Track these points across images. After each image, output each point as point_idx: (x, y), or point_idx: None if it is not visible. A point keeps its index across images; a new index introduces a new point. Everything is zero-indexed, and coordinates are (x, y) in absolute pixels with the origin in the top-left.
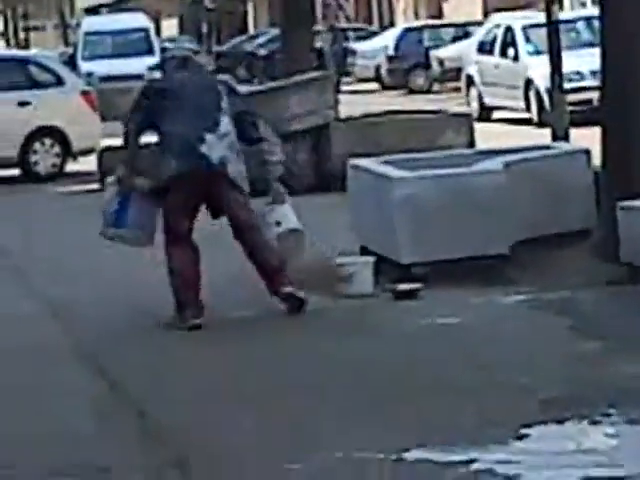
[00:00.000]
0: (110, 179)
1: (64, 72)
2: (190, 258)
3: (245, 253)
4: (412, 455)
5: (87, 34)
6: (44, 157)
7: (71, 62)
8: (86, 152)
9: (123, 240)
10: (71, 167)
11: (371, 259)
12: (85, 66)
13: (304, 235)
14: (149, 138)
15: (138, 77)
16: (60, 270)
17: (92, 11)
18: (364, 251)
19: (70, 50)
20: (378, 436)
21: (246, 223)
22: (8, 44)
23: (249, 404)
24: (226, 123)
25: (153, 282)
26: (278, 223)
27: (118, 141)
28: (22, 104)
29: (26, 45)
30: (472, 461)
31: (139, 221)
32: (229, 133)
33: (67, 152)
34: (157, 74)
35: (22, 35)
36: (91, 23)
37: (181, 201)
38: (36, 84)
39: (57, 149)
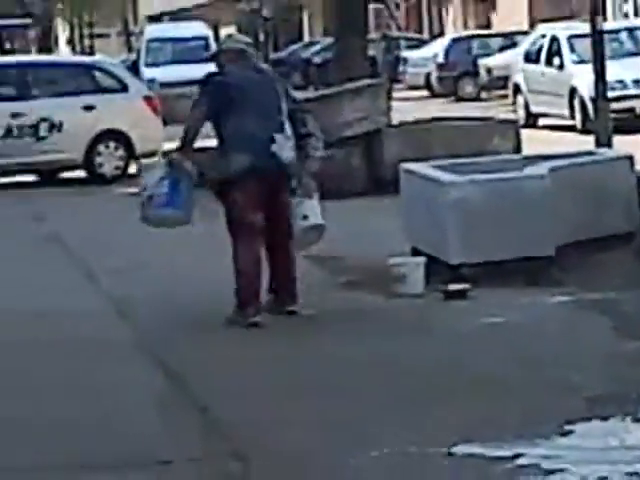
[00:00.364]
0: (144, 161)
1: (128, 78)
2: (256, 257)
3: (270, 253)
4: (461, 449)
5: (149, 41)
6: (109, 159)
7: (134, 68)
8: (149, 155)
9: (164, 221)
10: (134, 169)
11: (422, 260)
12: (147, 72)
13: (325, 230)
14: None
15: (198, 83)
16: (125, 267)
17: (154, 19)
18: (415, 252)
19: (133, 57)
20: (429, 431)
21: (289, 228)
22: (74, 51)
23: (306, 400)
24: (288, 125)
25: (215, 279)
26: (305, 217)
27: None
28: (87, 108)
29: (91, 52)
30: (518, 456)
31: (188, 203)
32: (291, 135)
33: (131, 155)
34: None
35: (87, 42)
36: (153, 31)
37: (253, 196)
38: (101, 89)
39: (121, 152)
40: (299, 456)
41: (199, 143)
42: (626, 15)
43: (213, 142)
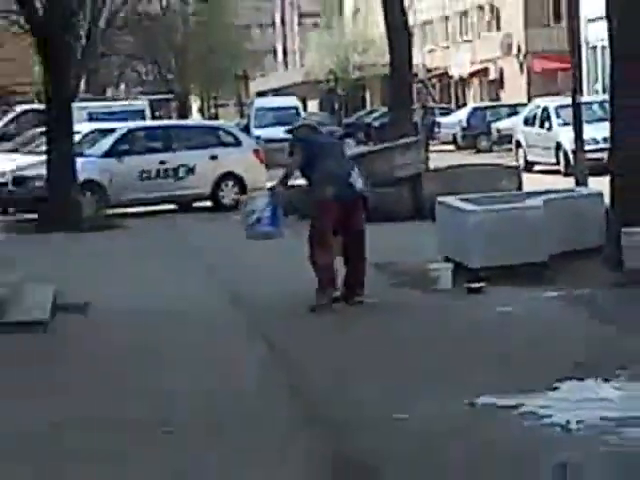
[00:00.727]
0: (244, 196)
1: (242, 136)
2: (330, 255)
3: (348, 256)
4: (480, 401)
5: (257, 110)
6: (228, 193)
7: (246, 129)
8: (257, 189)
9: (267, 236)
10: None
11: (451, 265)
12: (256, 132)
13: None
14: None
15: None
16: (240, 270)
17: (261, 94)
18: (446, 260)
19: (245, 121)
20: (456, 387)
21: (362, 235)
22: (203, 116)
23: (377, 367)
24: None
25: (306, 278)
26: None
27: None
28: (213, 157)
29: (215, 117)
30: (520, 405)
31: (282, 223)
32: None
33: (243, 190)
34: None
35: (213, 110)
36: (260, 102)
37: (333, 216)
38: (222, 144)
39: (236, 188)
40: (367, 406)
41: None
42: (597, 92)
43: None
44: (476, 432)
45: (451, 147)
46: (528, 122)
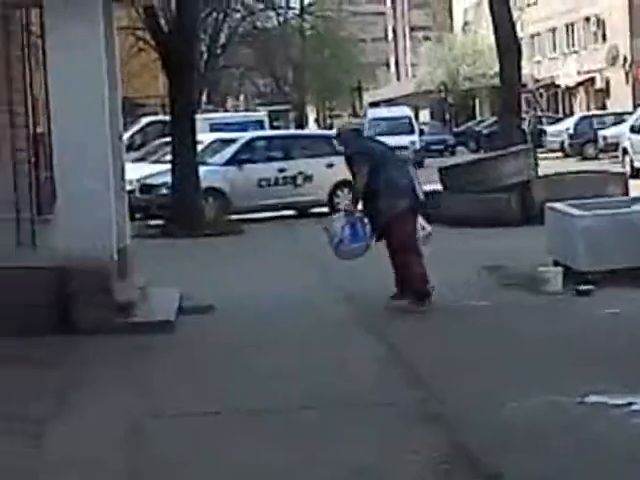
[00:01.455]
0: (335, 216)
1: None
2: (422, 263)
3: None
4: (590, 399)
5: (371, 120)
6: (344, 200)
7: None
8: None
9: (354, 253)
10: None
11: (560, 269)
12: None
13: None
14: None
15: (404, 148)
16: (353, 272)
17: (374, 104)
18: (556, 263)
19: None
20: (568, 384)
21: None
22: (319, 126)
23: (489, 363)
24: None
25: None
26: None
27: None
28: (329, 165)
29: (330, 127)
30: (630, 404)
31: (365, 234)
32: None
33: None
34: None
35: (328, 121)
36: (373, 113)
37: (414, 224)
38: (338, 153)
39: (351, 195)
40: (480, 400)
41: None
42: None
43: None
44: (586, 428)
45: (559, 154)
46: (635, 129)
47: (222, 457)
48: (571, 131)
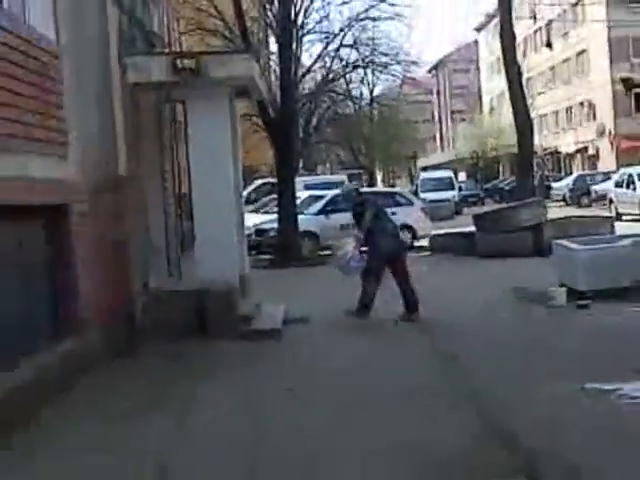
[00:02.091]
0: (347, 239)
1: (413, 198)
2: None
3: (401, 288)
4: (588, 386)
5: (422, 179)
6: (404, 238)
7: (415, 193)
8: (424, 236)
9: (354, 272)
10: (417, 244)
11: (565, 289)
12: (422, 195)
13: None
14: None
15: (446, 200)
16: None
17: (424, 168)
18: (561, 285)
19: (414, 187)
20: (572, 376)
21: (408, 275)
22: (384, 184)
23: (511, 360)
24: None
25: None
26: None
27: (440, 231)
28: (393, 213)
29: (393, 185)
30: (618, 389)
31: (362, 262)
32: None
33: (414, 236)
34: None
35: (391, 180)
36: (424, 174)
37: (385, 264)
38: (399, 204)
39: (410, 235)
40: (506, 385)
41: None
42: None
43: None
44: (588, 408)
45: (561, 204)
46: (618, 184)
47: (309, 429)
48: (570, 186)
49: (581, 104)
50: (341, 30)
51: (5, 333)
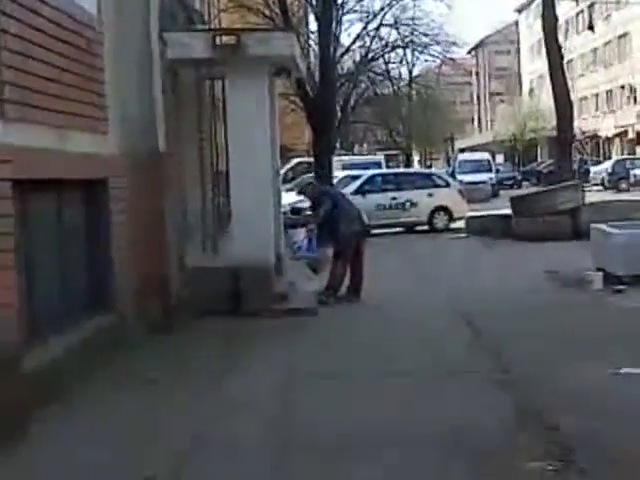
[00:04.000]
0: (298, 229)
1: (449, 180)
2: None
3: (354, 269)
4: (623, 371)
5: (460, 161)
6: (440, 220)
7: (452, 175)
8: (460, 218)
9: (304, 258)
10: (452, 225)
11: (601, 273)
12: (459, 177)
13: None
14: None
15: (483, 183)
16: (455, 271)
17: (462, 150)
18: (598, 269)
19: (450, 169)
20: (607, 360)
21: (363, 257)
22: (421, 166)
23: (550, 342)
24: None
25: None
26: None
27: (477, 213)
28: (430, 195)
29: (429, 166)
30: None
31: (315, 251)
32: None
33: (451, 218)
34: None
35: (428, 162)
36: (462, 156)
37: (354, 242)
38: (436, 185)
39: (446, 217)
40: (540, 368)
41: None
42: None
43: None
44: (621, 391)
45: (600, 188)
46: None
47: (344, 407)
48: (609, 170)
49: (622, 87)
50: (381, 9)
51: (45, 304)
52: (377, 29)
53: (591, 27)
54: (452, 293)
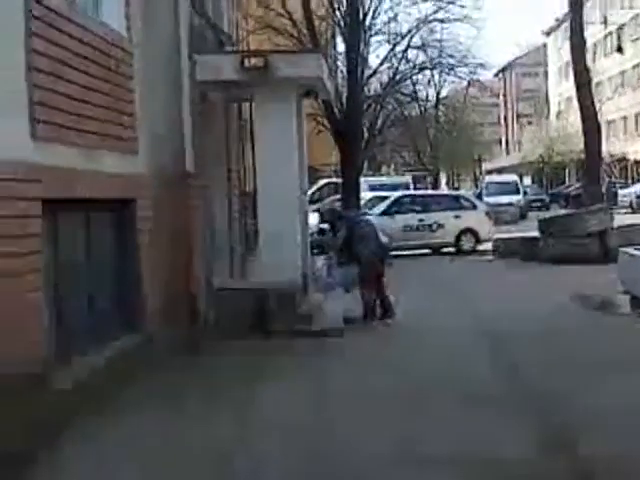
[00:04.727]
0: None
1: (476, 202)
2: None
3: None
4: None
5: (487, 183)
6: (467, 242)
7: (479, 197)
8: (487, 240)
9: (326, 289)
10: (480, 247)
11: (629, 297)
12: (486, 199)
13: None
14: None
15: (511, 205)
16: (482, 294)
17: (489, 172)
18: (626, 292)
19: (478, 191)
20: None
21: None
22: (449, 187)
23: (574, 361)
24: None
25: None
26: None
27: (504, 235)
28: (457, 217)
29: (457, 188)
30: None
31: (338, 282)
32: None
33: (477, 240)
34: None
35: (456, 184)
36: (489, 178)
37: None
38: (463, 207)
39: (473, 239)
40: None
41: None
42: None
43: None
44: None
45: (628, 210)
46: None
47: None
48: (638, 193)
49: None
50: (409, 31)
51: (72, 324)
52: (405, 51)
53: (620, 49)
54: (480, 315)
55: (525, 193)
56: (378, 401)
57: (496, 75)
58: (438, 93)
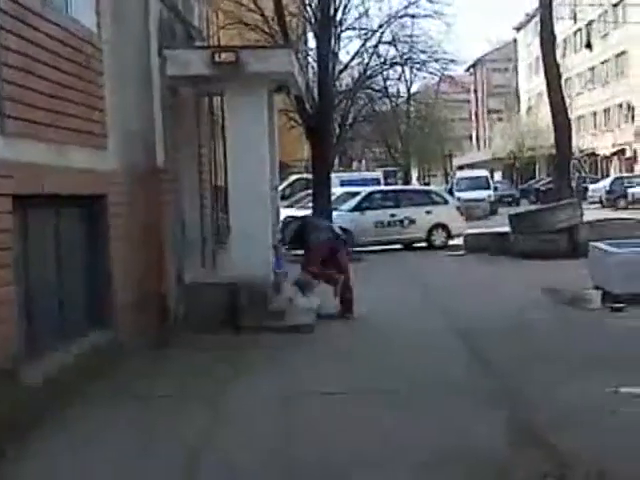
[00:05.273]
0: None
1: (448, 197)
2: None
3: (343, 286)
4: (623, 390)
5: (458, 178)
6: (438, 237)
7: (450, 192)
8: (458, 235)
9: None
10: (451, 242)
11: (600, 292)
12: (457, 194)
13: None
14: None
15: (481, 200)
16: (444, 285)
17: (460, 167)
18: (596, 287)
19: (448, 186)
20: (605, 378)
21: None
22: (420, 183)
23: (545, 358)
24: None
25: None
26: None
27: (475, 230)
28: (428, 212)
29: (427, 184)
30: None
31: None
32: None
33: (449, 235)
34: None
35: (426, 179)
36: (460, 173)
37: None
38: (434, 202)
39: (444, 234)
40: (538, 384)
41: None
42: None
43: None
44: (619, 411)
45: (597, 206)
46: None
47: (343, 422)
48: (607, 188)
49: (619, 106)
50: (380, 27)
51: (42, 319)
52: (375, 46)
53: (589, 45)
54: (449, 310)
55: (496, 189)
56: (343, 396)
57: (467, 71)
58: (409, 89)
